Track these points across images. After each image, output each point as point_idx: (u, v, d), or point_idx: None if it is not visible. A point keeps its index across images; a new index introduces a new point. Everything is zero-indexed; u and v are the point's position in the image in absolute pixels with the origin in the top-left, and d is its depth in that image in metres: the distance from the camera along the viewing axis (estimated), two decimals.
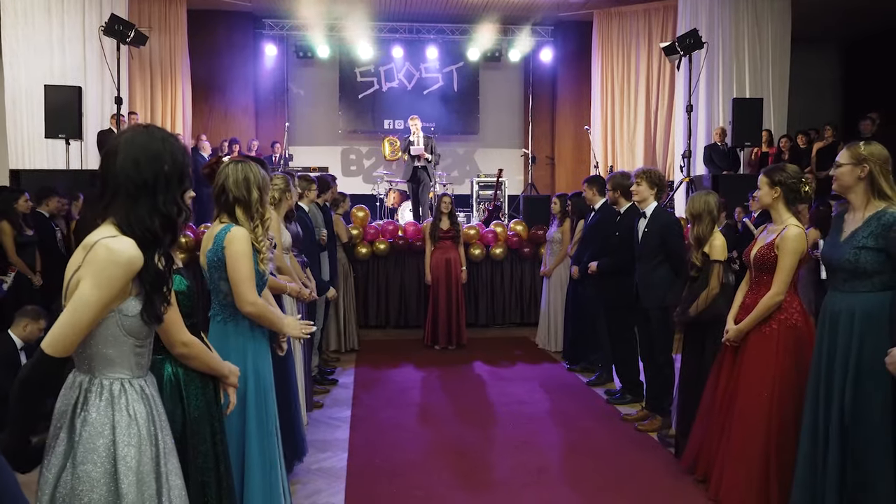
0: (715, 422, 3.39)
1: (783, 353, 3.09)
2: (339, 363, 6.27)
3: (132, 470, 1.64)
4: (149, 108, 10.53)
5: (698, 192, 4.15)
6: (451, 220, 6.81)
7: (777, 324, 3.13)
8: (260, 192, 2.55)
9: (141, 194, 1.65)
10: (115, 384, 1.67)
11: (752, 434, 3.13)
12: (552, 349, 6.67)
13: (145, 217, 1.65)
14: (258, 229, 2.54)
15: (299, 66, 12.25)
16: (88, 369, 1.68)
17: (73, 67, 8.83)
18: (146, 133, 1.71)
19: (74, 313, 1.58)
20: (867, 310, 2.62)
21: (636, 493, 3.58)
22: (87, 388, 1.67)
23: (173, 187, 1.70)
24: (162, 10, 10.52)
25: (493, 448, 4.24)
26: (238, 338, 2.52)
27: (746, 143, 8.74)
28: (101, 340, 1.65)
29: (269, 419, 2.59)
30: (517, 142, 12.60)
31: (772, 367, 3.10)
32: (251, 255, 2.46)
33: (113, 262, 1.59)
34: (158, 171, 1.67)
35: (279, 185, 3.70)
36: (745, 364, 3.22)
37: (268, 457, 2.55)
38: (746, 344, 3.24)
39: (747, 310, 3.26)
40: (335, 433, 4.44)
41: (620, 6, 11.16)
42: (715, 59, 9.59)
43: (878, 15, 10.26)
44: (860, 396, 2.60)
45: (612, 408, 4.99)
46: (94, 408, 1.64)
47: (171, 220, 1.69)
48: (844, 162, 2.72)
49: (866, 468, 2.59)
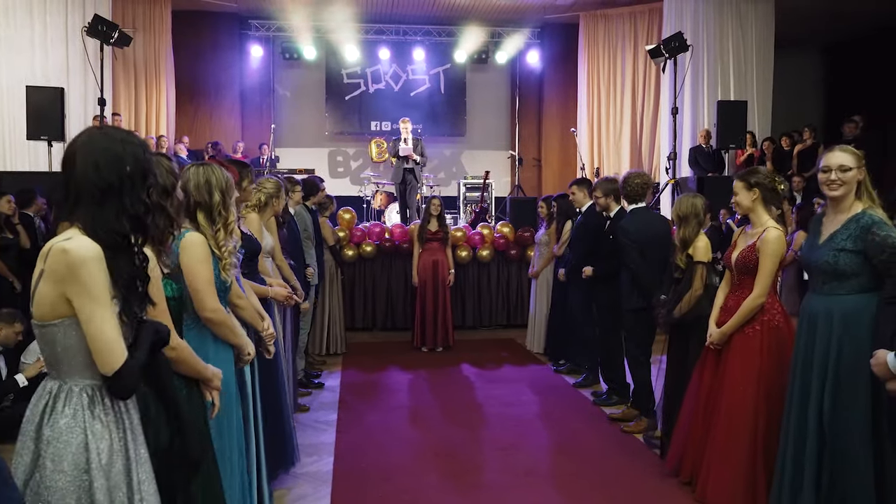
0: (699, 423, 3.41)
1: (766, 354, 3.12)
2: (325, 366, 6.24)
3: (103, 478, 1.60)
4: (132, 109, 10.45)
5: (685, 195, 4.18)
6: (440, 222, 6.81)
7: (760, 325, 3.16)
8: (223, 195, 2.48)
9: (106, 198, 1.63)
10: (85, 390, 1.63)
11: (738, 434, 3.16)
12: (540, 351, 6.68)
13: (112, 220, 1.62)
14: (220, 234, 2.47)
15: (285, 68, 12.20)
16: (58, 375, 1.65)
17: (56, 68, 8.74)
18: (103, 135, 1.68)
19: (98, 333, 1.58)
20: (846, 312, 2.64)
21: (622, 494, 3.59)
22: (56, 394, 1.63)
23: (138, 187, 1.67)
24: (146, 10, 10.44)
25: (480, 450, 4.24)
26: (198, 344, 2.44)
27: (731, 146, 8.81)
28: (71, 346, 1.61)
29: (231, 430, 2.49)
30: (504, 144, 12.63)
31: (755, 367, 3.13)
32: (209, 260, 2.38)
33: (80, 264, 1.56)
34: (121, 172, 1.64)
35: (268, 189, 3.63)
36: (728, 365, 3.25)
37: (228, 470, 2.48)
38: (730, 345, 3.26)
39: (729, 311, 3.28)
40: (321, 437, 4.41)
41: (606, 9, 11.21)
42: (700, 62, 9.66)
43: (860, 18, 10.37)
44: (839, 399, 2.63)
45: (598, 409, 5.00)
46: (63, 415, 1.60)
47: (140, 220, 1.67)
48: (854, 165, 2.64)
49: (845, 472, 2.61)
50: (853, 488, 2.59)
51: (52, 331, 1.61)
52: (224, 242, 2.47)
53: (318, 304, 6.16)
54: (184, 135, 10.71)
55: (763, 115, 9.97)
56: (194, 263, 2.35)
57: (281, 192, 3.73)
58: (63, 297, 1.58)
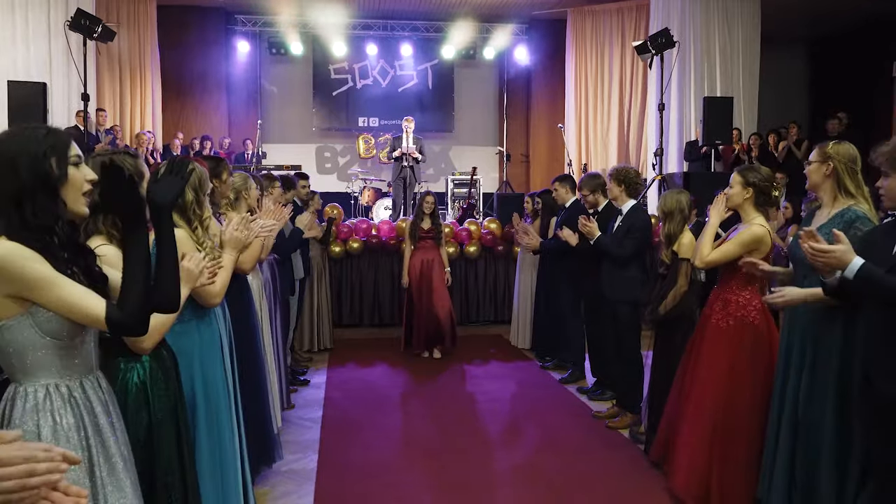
0: (675, 414, 3.45)
1: (738, 349, 3.15)
2: (311, 363, 6.22)
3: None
4: (118, 104, 10.35)
5: (670, 191, 4.20)
6: (433, 219, 6.53)
7: (734, 320, 3.18)
8: (195, 193, 2.48)
9: (20, 199, 1.58)
10: (39, 390, 1.61)
11: (699, 424, 3.22)
12: (527, 347, 6.68)
13: (30, 219, 1.58)
14: (198, 231, 2.48)
15: (273, 63, 12.13)
16: (13, 377, 1.63)
17: (38, 63, 8.62)
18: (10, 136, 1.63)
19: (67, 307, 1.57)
20: (822, 307, 2.65)
21: (604, 489, 3.60)
22: (12, 397, 1.61)
23: (50, 181, 1.61)
24: (131, 5, 10.34)
25: (465, 447, 4.23)
26: (186, 343, 2.43)
27: (717, 142, 8.83)
28: (19, 347, 1.59)
29: (221, 428, 2.51)
30: (492, 139, 12.62)
31: (725, 361, 3.17)
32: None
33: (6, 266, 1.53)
34: (26, 173, 1.59)
35: (236, 184, 3.59)
36: (701, 358, 3.30)
37: (219, 468, 2.47)
38: (704, 338, 3.29)
39: (709, 306, 3.31)
40: (306, 434, 4.39)
41: (593, 5, 11.22)
42: (686, 58, 9.68)
43: (846, 13, 10.43)
44: (812, 392, 2.66)
45: (583, 405, 5.01)
46: (18, 417, 1.59)
47: (58, 215, 1.63)
48: (812, 160, 2.80)
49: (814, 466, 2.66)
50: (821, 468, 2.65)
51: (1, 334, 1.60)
52: (203, 240, 2.46)
53: (306, 299, 6.14)
54: (177, 130, 10.65)
55: (749, 111, 10.01)
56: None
57: (249, 183, 3.67)
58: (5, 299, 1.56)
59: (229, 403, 2.62)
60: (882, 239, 2.31)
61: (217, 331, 2.59)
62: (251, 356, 3.27)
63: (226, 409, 2.56)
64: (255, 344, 3.39)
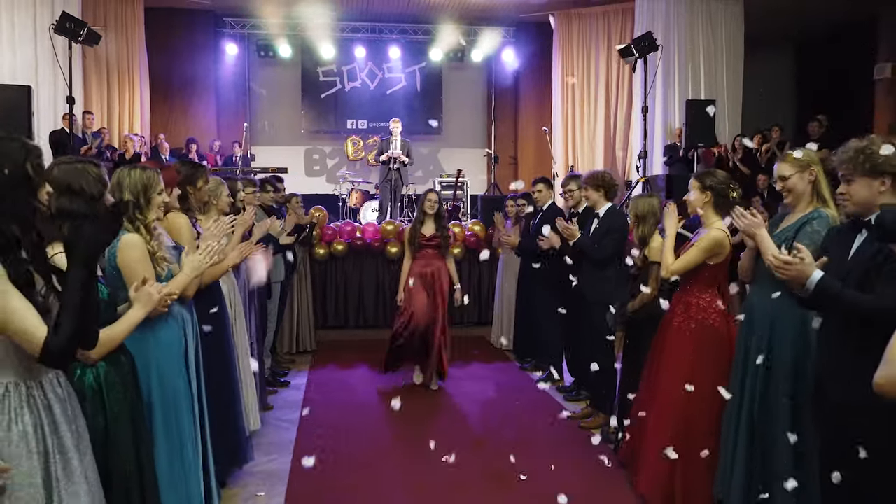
0: (640, 416, 3.50)
1: (698, 352, 3.20)
2: (294, 365, 6.26)
3: (14, 477, 1.62)
4: (105, 108, 10.34)
5: (641, 195, 4.28)
6: (438, 223, 5.51)
7: (695, 323, 3.24)
8: (136, 198, 2.52)
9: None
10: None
11: (662, 425, 3.28)
12: (510, 348, 6.73)
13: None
14: (141, 231, 2.51)
15: (261, 66, 12.15)
16: None
17: (24, 66, 8.62)
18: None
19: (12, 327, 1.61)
20: (778, 308, 2.71)
21: (574, 489, 3.63)
22: None
23: (20, 189, 1.68)
24: (117, 8, 10.33)
25: (440, 448, 4.26)
26: (142, 346, 2.46)
27: (700, 144, 8.91)
28: None
29: (182, 430, 2.55)
30: (480, 141, 12.67)
31: (687, 364, 3.22)
32: (147, 259, 2.44)
33: None
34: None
35: (209, 188, 3.63)
36: (664, 360, 3.36)
37: (180, 469, 2.51)
38: (666, 340, 3.34)
39: (671, 310, 3.36)
40: (282, 435, 4.43)
41: (579, 8, 11.28)
42: (671, 61, 9.75)
43: (831, 15, 10.50)
44: (768, 391, 2.72)
45: (558, 405, 5.06)
46: None
47: (26, 220, 1.68)
48: (790, 173, 2.74)
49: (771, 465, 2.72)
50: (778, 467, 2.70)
51: None
52: (149, 241, 2.50)
53: (287, 301, 6.17)
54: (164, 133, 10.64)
55: (733, 114, 10.08)
56: (133, 263, 2.38)
57: (220, 188, 3.72)
58: None
59: (191, 405, 2.65)
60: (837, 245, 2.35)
61: (177, 333, 2.62)
62: (220, 358, 3.31)
63: (186, 410, 2.59)
64: (225, 345, 3.42)
